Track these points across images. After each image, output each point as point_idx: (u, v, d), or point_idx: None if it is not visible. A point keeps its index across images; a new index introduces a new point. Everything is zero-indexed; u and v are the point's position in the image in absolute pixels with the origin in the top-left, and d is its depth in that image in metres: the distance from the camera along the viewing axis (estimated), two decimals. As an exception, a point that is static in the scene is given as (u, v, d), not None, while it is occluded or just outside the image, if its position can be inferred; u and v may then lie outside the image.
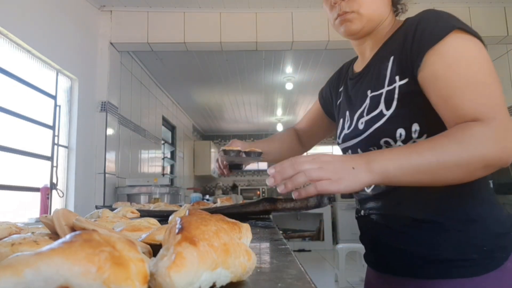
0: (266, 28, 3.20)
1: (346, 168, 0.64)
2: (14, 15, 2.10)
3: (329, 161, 0.65)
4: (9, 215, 2.22)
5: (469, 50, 0.70)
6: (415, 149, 0.65)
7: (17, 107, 2.21)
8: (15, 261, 0.21)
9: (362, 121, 0.85)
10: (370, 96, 0.85)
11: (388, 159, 0.64)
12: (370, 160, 0.65)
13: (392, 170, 0.64)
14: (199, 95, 5.54)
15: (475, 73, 0.68)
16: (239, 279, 0.30)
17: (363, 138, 0.85)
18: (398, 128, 0.77)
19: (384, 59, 0.83)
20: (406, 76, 0.76)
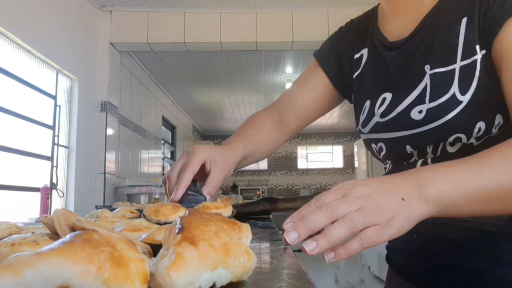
0: (266, 28, 3.20)
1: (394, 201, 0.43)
2: (14, 15, 2.11)
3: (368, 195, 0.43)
4: (9, 215, 2.22)
5: None
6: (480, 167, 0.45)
7: (17, 107, 2.21)
8: (15, 261, 0.21)
9: (421, 109, 0.61)
10: (430, 73, 0.61)
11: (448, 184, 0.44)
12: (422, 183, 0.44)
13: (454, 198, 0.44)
14: (199, 95, 5.54)
15: None
16: (239, 279, 0.30)
17: (421, 133, 0.62)
18: (479, 121, 0.56)
19: (451, 21, 0.60)
20: (488, 46, 0.56)
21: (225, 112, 6.59)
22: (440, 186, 0.44)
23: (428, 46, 0.63)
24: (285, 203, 1.05)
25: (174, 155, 5.55)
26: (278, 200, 1.06)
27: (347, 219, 0.41)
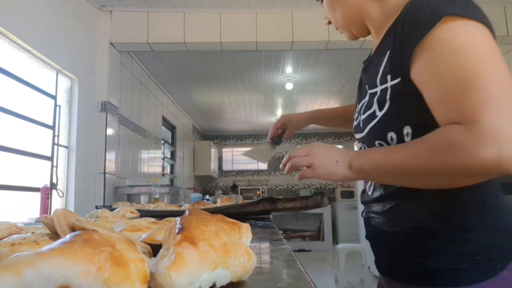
0: (266, 28, 3.20)
1: (331, 159, 0.75)
2: (14, 15, 2.11)
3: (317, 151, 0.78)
4: (9, 215, 2.22)
5: (459, 40, 0.61)
6: (393, 152, 0.67)
7: (17, 107, 2.21)
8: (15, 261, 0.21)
9: (361, 119, 0.83)
10: (369, 92, 0.80)
11: (366, 159, 0.70)
12: (354, 156, 0.73)
13: (368, 169, 0.70)
14: (199, 95, 5.54)
15: (463, 69, 0.60)
16: (239, 279, 0.30)
17: (363, 137, 0.83)
18: (389, 132, 0.74)
19: (382, 53, 0.76)
20: (398, 75, 0.70)
21: (225, 112, 6.59)
22: (361, 160, 0.71)
23: (370, 71, 0.82)
24: (285, 203, 1.05)
25: (174, 155, 5.55)
26: (278, 200, 1.06)
27: (294, 161, 0.80)
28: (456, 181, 0.63)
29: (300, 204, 1.05)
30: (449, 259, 0.68)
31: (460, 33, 0.61)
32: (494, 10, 3.21)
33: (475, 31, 0.61)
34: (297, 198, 1.07)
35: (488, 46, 0.61)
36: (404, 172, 0.65)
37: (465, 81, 0.59)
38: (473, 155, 0.56)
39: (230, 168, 8.52)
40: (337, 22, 0.90)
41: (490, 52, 0.60)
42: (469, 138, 0.56)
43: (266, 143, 1.20)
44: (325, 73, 4.60)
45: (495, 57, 0.60)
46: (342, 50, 3.59)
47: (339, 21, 0.89)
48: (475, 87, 0.58)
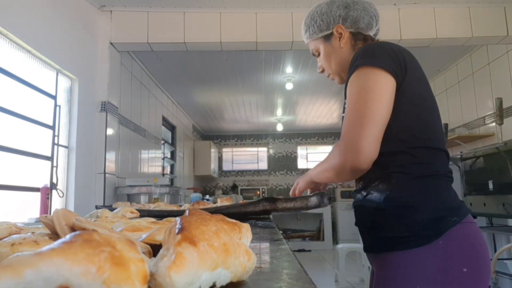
0: (266, 28, 3.20)
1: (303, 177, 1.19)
2: (14, 15, 2.11)
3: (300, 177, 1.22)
4: (9, 215, 2.22)
5: (358, 82, 0.97)
6: (317, 164, 1.10)
7: (17, 107, 2.21)
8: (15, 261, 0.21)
9: None
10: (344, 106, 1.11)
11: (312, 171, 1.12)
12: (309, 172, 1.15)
13: (313, 176, 1.12)
14: (199, 95, 5.54)
15: (353, 102, 0.96)
16: (239, 279, 0.30)
17: None
18: None
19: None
20: None
21: (225, 112, 6.59)
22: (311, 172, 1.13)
23: None
24: (285, 203, 1.05)
25: (174, 155, 5.55)
26: (278, 200, 1.06)
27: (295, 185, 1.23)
28: (336, 176, 1.01)
29: (300, 204, 1.05)
30: (396, 230, 0.94)
31: (360, 78, 0.97)
32: (494, 10, 3.21)
33: (369, 77, 0.95)
34: (297, 198, 1.06)
35: (373, 89, 0.93)
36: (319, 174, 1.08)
37: (348, 111, 0.97)
38: (338, 159, 0.96)
39: (230, 168, 8.52)
40: (331, 70, 1.19)
41: (372, 94, 0.93)
42: (338, 149, 0.97)
43: None
44: (325, 73, 4.60)
45: (374, 96, 0.93)
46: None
47: (333, 69, 1.18)
48: (349, 117, 0.96)
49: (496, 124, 3.45)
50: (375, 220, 1.00)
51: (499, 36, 3.22)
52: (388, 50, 0.98)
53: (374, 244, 1.02)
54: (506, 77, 3.54)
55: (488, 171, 3.25)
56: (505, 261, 3.02)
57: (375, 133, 0.92)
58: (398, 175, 0.96)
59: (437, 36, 3.17)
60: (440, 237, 0.89)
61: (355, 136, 0.91)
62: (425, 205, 0.93)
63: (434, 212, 0.92)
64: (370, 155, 0.91)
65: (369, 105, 0.92)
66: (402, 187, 0.96)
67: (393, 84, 0.95)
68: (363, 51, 1.00)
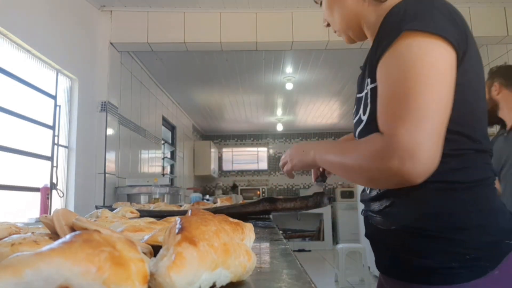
0: (266, 28, 3.20)
1: (299, 151, 0.93)
2: (14, 15, 2.11)
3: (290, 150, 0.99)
4: (9, 215, 2.22)
5: (408, 55, 0.66)
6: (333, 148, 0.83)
7: (17, 107, 2.21)
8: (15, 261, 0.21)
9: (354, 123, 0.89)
10: (357, 97, 0.86)
11: (318, 151, 0.85)
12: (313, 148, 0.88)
13: (318, 158, 0.85)
14: (199, 95, 5.54)
15: (402, 82, 0.66)
16: (239, 279, 0.30)
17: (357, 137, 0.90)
18: None
19: (367, 59, 0.81)
20: (375, 80, 0.74)
21: (225, 112, 6.59)
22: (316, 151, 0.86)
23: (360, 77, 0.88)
24: (285, 203, 1.05)
25: (174, 155, 5.55)
26: (278, 200, 1.06)
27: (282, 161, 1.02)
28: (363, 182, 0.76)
29: (300, 204, 1.05)
30: (441, 258, 0.70)
31: (410, 49, 0.66)
32: (494, 10, 3.21)
33: (426, 48, 0.66)
34: (297, 198, 1.06)
35: (431, 66, 0.65)
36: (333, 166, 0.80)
37: (397, 95, 0.66)
38: (380, 162, 0.64)
39: (230, 168, 8.52)
40: (335, 25, 0.93)
41: (431, 71, 0.65)
42: (381, 147, 0.65)
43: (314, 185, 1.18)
44: (325, 73, 4.60)
45: (434, 76, 0.65)
46: (342, 50, 3.59)
47: (337, 24, 0.92)
48: (401, 102, 0.65)
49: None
50: (405, 242, 0.76)
51: (499, 36, 3.22)
52: (447, 12, 0.69)
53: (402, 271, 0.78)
54: (506, 77, 3.54)
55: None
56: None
57: (438, 128, 0.63)
58: (440, 184, 0.71)
59: (437, 36, 3.17)
60: (497, 267, 0.68)
61: (408, 134, 0.61)
62: (480, 225, 0.70)
63: (491, 234, 0.70)
64: (432, 162, 0.62)
65: (429, 90, 0.63)
66: (446, 200, 0.72)
67: (455, 61, 0.68)
68: (413, 6, 0.70)
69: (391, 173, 0.63)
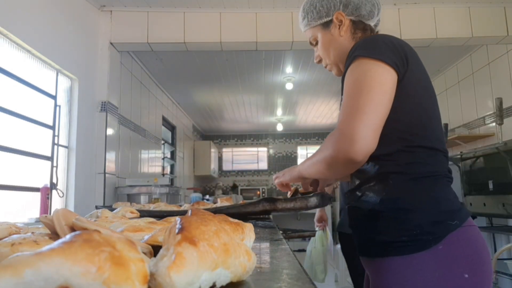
0: (266, 28, 3.20)
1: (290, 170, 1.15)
2: (14, 15, 2.11)
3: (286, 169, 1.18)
4: (9, 215, 2.22)
5: (356, 71, 0.91)
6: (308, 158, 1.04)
7: (17, 107, 2.21)
8: (15, 261, 0.21)
9: None
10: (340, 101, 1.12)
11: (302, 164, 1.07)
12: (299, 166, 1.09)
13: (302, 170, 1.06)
14: (199, 95, 5.54)
15: (351, 91, 0.89)
16: (239, 279, 0.30)
17: None
18: None
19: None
20: None
21: (225, 112, 6.59)
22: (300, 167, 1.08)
23: None
24: (285, 203, 1.05)
25: (174, 155, 5.55)
26: (278, 200, 1.06)
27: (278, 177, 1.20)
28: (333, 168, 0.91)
29: (300, 204, 1.05)
30: (392, 234, 0.89)
31: (358, 67, 0.91)
32: (494, 10, 3.21)
33: (369, 67, 0.89)
34: (297, 198, 1.07)
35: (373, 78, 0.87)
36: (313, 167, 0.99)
37: (347, 98, 0.89)
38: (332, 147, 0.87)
39: (230, 168, 8.51)
40: (329, 60, 1.14)
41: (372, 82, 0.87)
42: (333, 136, 0.88)
43: None
44: (325, 73, 4.60)
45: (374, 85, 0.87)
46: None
47: (331, 58, 1.13)
48: (348, 104, 0.88)
49: (496, 124, 3.45)
50: (370, 222, 0.94)
51: (499, 36, 3.22)
52: (389, 42, 0.93)
53: (369, 248, 0.96)
54: (506, 77, 3.54)
55: (488, 171, 3.25)
56: (505, 261, 3.02)
57: (374, 122, 0.85)
58: (395, 175, 0.91)
59: (437, 36, 3.17)
60: (440, 242, 0.85)
61: (351, 125, 0.84)
62: (424, 208, 0.88)
63: (433, 216, 0.87)
64: (367, 145, 0.83)
65: (368, 94, 0.86)
66: (399, 188, 0.91)
67: (395, 78, 0.90)
68: (363, 41, 0.95)
69: (341, 155, 0.85)
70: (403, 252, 0.87)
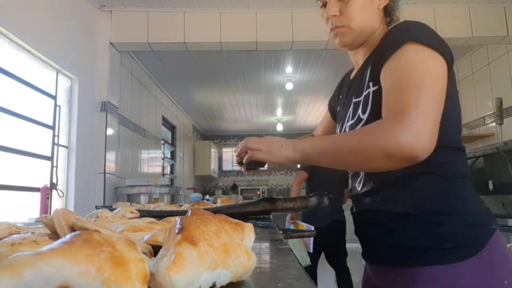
0: (266, 28, 3.20)
1: (276, 144, 0.88)
2: (14, 15, 2.11)
3: (267, 139, 0.91)
4: (9, 215, 2.22)
5: (414, 57, 0.79)
6: (332, 137, 0.85)
7: (17, 107, 2.21)
8: (15, 261, 0.21)
9: (347, 126, 0.97)
10: (353, 101, 0.95)
11: (309, 142, 0.84)
12: (298, 142, 0.86)
13: (309, 150, 0.83)
14: (199, 95, 5.54)
15: (410, 78, 0.77)
16: (239, 279, 0.30)
17: None
18: None
19: (366, 67, 0.93)
20: (377, 83, 0.85)
21: (225, 112, 6.59)
22: (304, 144, 0.84)
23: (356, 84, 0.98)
24: (285, 203, 1.05)
25: (174, 155, 5.55)
26: (278, 200, 1.06)
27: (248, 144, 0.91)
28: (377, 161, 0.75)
29: (300, 204, 1.05)
30: (435, 239, 0.80)
31: (417, 53, 0.79)
32: (494, 10, 3.21)
33: (427, 55, 0.79)
34: (297, 198, 1.06)
35: (432, 69, 0.78)
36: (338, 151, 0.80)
37: (406, 87, 0.76)
38: (391, 137, 0.71)
39: (230, 168, 8.52)
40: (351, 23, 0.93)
41: (432, 73, 0.77)
42: (392, 125, 0.73)
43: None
44: (325, 73, 4.60)
45: (435, 77, 0.77)
46: (342, 50, 3.59)
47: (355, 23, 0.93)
48: (410, 93, 0.75)
49: (496, 124, 3.45)
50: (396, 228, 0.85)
51: (499, 36, 3.22)
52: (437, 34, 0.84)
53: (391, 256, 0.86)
54: (506, 77, 3.54)
55: (488, 171, 3.25)
56: (505, 261, 3.02)
57: (438, 120, 0.75)
58: (428, 175, 0.82)
59: (437, 36, 3.17)
60: (484, 248, 0.78)
61: (420, 119, 0.71)
62: (463, 211, 0.81)
63: (473, 219, 0.80)
64: (433, 144, 0.72)
65: (432, 87, 0.75)
66: (433, 189, 0.83)
67: (447, 71, 0.81)
68: (417, 24, 0.84)
69: (400, 147, 0.71)
70: (445, 260, 0.78)
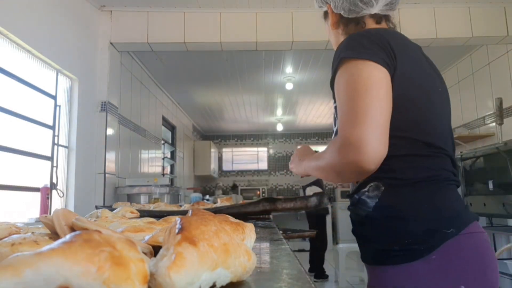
0: (266, 28, 3.20)
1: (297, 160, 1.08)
2: (14, 15, 2.10)
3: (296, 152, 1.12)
4: (9, 215, 2.22)
5: (347, 74, 0.85)
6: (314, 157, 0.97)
7: (17, 107, 2.21)
8: (15, 261, 0.21)
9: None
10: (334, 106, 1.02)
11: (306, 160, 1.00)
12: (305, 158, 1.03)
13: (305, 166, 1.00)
14: (199, 95, 5.54)
15: (347, 94, 0.83)
16: (239, 279, 0.30)
17: None
18: None
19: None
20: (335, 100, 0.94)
21: (225, 112, 6.59)
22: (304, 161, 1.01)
23: None
24: (285, 203, 1.05)
25: (174, 155, 5.55)
26: (278, 200, 1.06)
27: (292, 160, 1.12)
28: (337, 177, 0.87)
29: (300, 204, 1.05)
30: (385, 242, 0.86)
31: (348, 70, 0.85)
32: (494, 10, 3.21)
33: (358, 67, 0.83)
34: (297, 198, 1.07)
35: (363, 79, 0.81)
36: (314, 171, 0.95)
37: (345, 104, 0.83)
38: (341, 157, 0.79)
39: (230, 168, 8.52)
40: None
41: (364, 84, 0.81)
42: (339, 146, 0.79)
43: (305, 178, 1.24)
44: (325, 73, 4.60)
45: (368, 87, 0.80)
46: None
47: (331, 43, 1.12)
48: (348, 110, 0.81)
49: (496, 124, 3.45)
50: (365, 229, 0.93)
51: (499, 36, 3.22)
52: (375, 39, 0.86)
53: (366, 255, 0.94)
54: (506, 77, 3.54)
55: (488, 171, 3.25)
56: (505, 261, 3.02)
57: (381, 124, 0.78)
58: (388, 181, 0.87)
59: (437, 36, 3.17)
60: (433, 252, 0.80)
61: (356, 130, 0.76)
62: (417, 216, 0.84)
63: (427, 224, 0.83)
64: (379, 152, 0.76)
65: (367, 95, 0.79)
66: (392, 194, 0.86)
67: (387, 76, 0.83)
68: (347, 41, 0.89)
69: (349, 164, 0.78)
70: (395, 261, 0.84)
